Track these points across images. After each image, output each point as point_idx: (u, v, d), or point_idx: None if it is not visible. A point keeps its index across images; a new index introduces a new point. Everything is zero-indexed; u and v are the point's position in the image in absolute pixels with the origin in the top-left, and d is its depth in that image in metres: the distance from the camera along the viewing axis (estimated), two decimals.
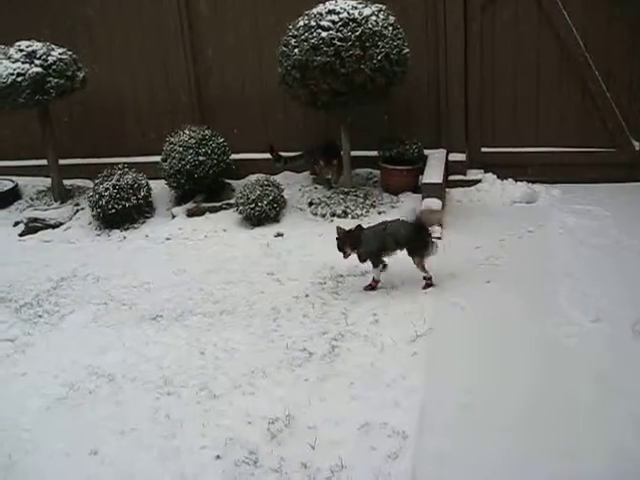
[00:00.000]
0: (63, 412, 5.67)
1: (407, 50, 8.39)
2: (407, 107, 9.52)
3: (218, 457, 4.98)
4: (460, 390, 5.43)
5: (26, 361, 6.48)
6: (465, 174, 9.49)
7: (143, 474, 4.88)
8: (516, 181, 9.33)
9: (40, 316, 7.30)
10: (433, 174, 8.73)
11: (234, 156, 9.89)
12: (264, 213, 8.56)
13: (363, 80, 8.00)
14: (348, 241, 6.92)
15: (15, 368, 6.38)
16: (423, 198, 8.53)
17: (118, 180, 9.21)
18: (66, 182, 10.40)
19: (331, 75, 7.96)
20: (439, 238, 8.02)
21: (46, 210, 9.71)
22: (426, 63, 9.37)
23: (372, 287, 7.06)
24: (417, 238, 6.92)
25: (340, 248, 6.93)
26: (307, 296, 7.06)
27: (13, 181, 10.58)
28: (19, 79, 8.94)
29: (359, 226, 7.01)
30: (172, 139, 9.40)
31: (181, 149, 9.20)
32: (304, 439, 5.06)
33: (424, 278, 7.05)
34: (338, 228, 7.00)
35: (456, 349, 6.01)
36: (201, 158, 9.17)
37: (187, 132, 9.38)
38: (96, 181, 9.31)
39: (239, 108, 10.12)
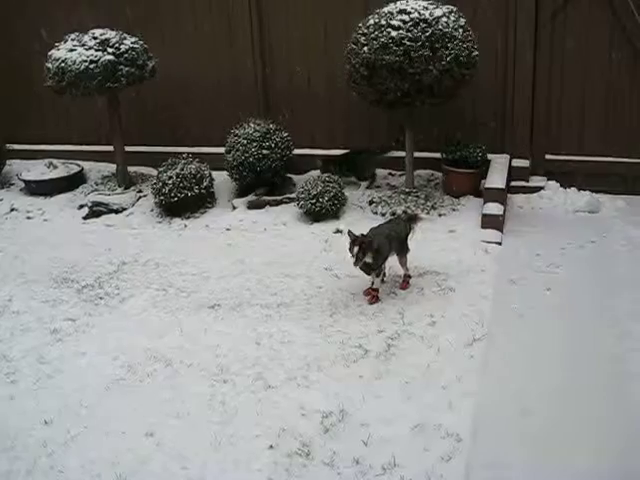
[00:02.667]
0: (121, 393, 5.75)
1: (476, 53, 8.31)
2: (473, 110, 9.45)
3: (271, 447, 5.00)
4: (516, 397, 5.39)
5: (86, 341, 6.59)
6: (528, 180, 9.40)
7: (197, 458, 4.93)
8: (579, 190, 9.09)
9: (101, 298, 7.39)
10: (496, 179, 8.64)
11: (297, 151, 9.75)
12: (324, 209, 8.55)
13: (431, 81, 7.94)
14: (363, 247, 6.65)
15: (76, 347, 6.48)
16: (485, 203, 8.40)
17: (182, 169, 9.27)
18: (130, 169, 10.44)
19: (399, 75, 7.93)
20: (499, 243, 7.87)
21: (109, 195, 9.82)
22: (494, 66, 9.28)
23: (376, 298, 6.97)
24: (407, 240, 7.10)
25: (355, 254, 6.64)
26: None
27: (79, 165, 10.74)
28: (92, 66, 9.08)
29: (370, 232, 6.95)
30: (237, 131, 9.45)
31: (245, 142, 9.25)
32: (357, 435, 5.05)
33: (406, 276, 7.17)
34: (350, 232, 6.77)
35: (513, 355, 5.96)
36: (265, 152, 9.20)
37: (252, 125, 9.43)
38: (160, 169, 9.39)
39: (304, 103, 10.09)
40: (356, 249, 6.48)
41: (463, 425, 5.07)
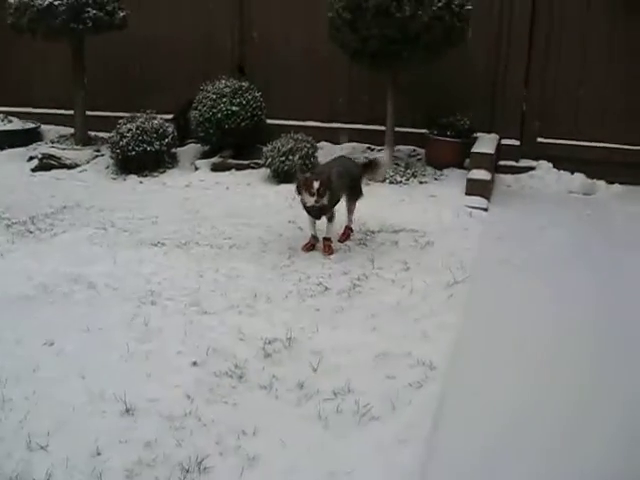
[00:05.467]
0: (27, 308, 4.63)
1: (470, 7, 7.32)
2: (461, 83, 8.49)
3: (195, 364, 3.95)
4: (499, 330, 4.45)
5: (3, 263, 5.52)
6: (518, 161, 8.33)
7: (101, 370, 3.80)
8: (572, 173, 8.07)
9: (31, 232, 6.33)
10: (484, 146, 7.61)
11: (270, 121, 8.72)
12: (294, 168, 7.45)
13: (418, 28, 7.01)
14: (323, 184, 5.54)
15: None
16: (471, 169, 7.38)
17: (143, 122, 8.20)
18: (92, 133, 9.35)
19: (385, 19, 7.01)
20: (485, 210, 6.86)
21: (64, 150, 8.70)
22: (485, 36, 8.32)
23: (331, 248, 5.89)
24: (360, 182, 6.09)
25: (316, 191, 5.50)
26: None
27: (36, 123, 9.61)
28: (56, 3, 8.12)
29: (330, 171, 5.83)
30: (207, 87, 8.41)
31: (214, 97, 8.31)
32: (305, 361, 4.00)
33: (348, 228, 6.19)
34: (301, 171, 5.89)
35: (497, 295, 5.01)
36: (234, 108, 8.24)
37: (223, 81, 8.43)
38: (120, 121, 8.28)
39: (280, 67, 9.03)
40: (317, 184, 5.35)
41: (438, 354, 4.02)
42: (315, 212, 5.67)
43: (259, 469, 3.06)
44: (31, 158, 8.79)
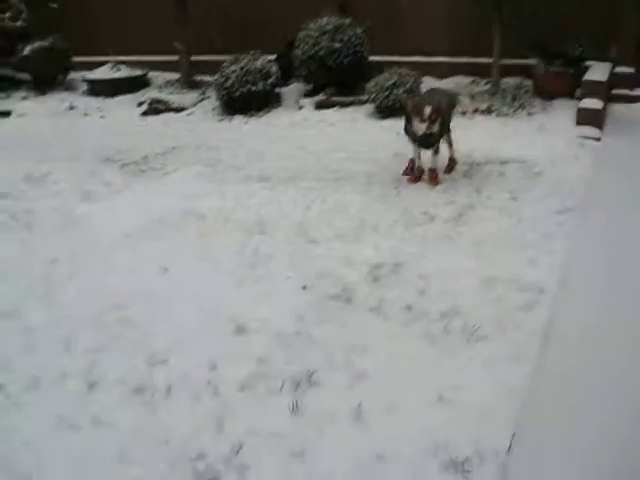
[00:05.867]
0: (142, 239, 4.80)
1: None
2: (571, 8, 8.11)
3: (305, 287, 3.99)
4: (606, 260, 4.28)
5: (118, 200, 5.78)
6: (632, 89, 7.92)
7: (213, 294, 3.94)
8: None
9: (143, 171, 6.54)
10: (596, 74, 7.30)
11: (374, 57, 8.62)
12: (398, 102, 7.36)
13: None
14: (435, 111, 5.41)
15: (105, 205, 5.56)
16: (582, 99, 7.09)
17: (247, 63, 8.29)
18: (197, 78, 9.53)
19: None
20: (598, 139, 6.62)
21: (171, 94, 8.91)
22: None
23: (437, 178, 5.77)
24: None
25: (428, 117, 5.36)
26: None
27: (144, 70, 9.86)
28: None
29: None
30: (309, 25, 8.38)
31: (316, 34, 8.31)
32: (412, 285, 3.99)
33: (451, 159, 6.09)
34: (410, 100, 5.74)
35: (607, 224, 4.81)
36: (336, 45, 8.21)
37: (325, 19, 8.36)
38: (224, 64, 8.38)
39: (381, 5, 8.95)
40: (428, 110, 5.27)
41: (547, 279, 3.93)
42: (424, 141, 5.59)
43: (368, 384, 3.12)
44: (140, 103, 9.05)
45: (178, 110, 8.78)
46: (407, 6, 8.82)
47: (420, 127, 5.35)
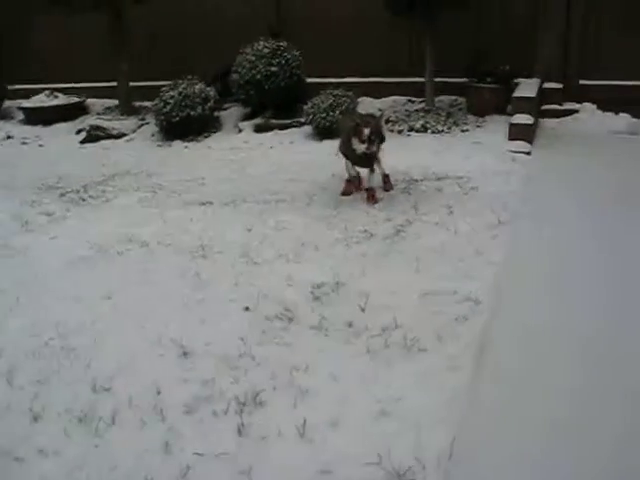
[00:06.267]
0: (86, 267, 4.83)
1: None
2: (500, 28, 8.49)
3: (247, 309, 4.08)
4: (541, 268, 4.48)
5: (59, 229, 5.74)
6: (561, 104, 8.24)
7: (157, 319, 3.98)
8: (617, 114, 7.96)
9: (84, 199, 6.57)
10: (525, 90, 7.59)
11: (310, 80, 8.78)
12: (336, 123, 7.50)
13: None
14: (374, 130, 5.57)
15: (46, 235, 5.55)
16: (513, 114, 7.35)
17: (185, 88, 8.34)
18: (136, 103, 9.60)
19: None
20: (528, 153, 6.87)
21: (110, 121, 8.90)
22: None
23: (375, 197, 5.91)
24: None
25: (368, 137, 5.52)
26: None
27: (81, 97, 9.84)
28: None
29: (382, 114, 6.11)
30: (245, 49, 8.50)
31: (253, 58, 8.44)
32: (353, 302, 4.07)
33: (386, 176, 6.21)
34: (350, 113, 6.00)
35: (540, 235, 5.01)
36: (273, 69, 8.34)
37: (262, 43, 8.49)
38: (162, 89, 8.43)
39: (320, 26, 9.12)
40: (367, 131, 5.43)
41: (483, 290, 4.07)
42: (362, 161, 5.74)
43: (312, 401, 3.19)
44: (79, 131, 9.03)
45: (118, 136, 8.78)
46: (340, 28, 8.89)
47: (360, 147, 5.47)
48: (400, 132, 7.75)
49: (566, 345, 3.51)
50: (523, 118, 7.21)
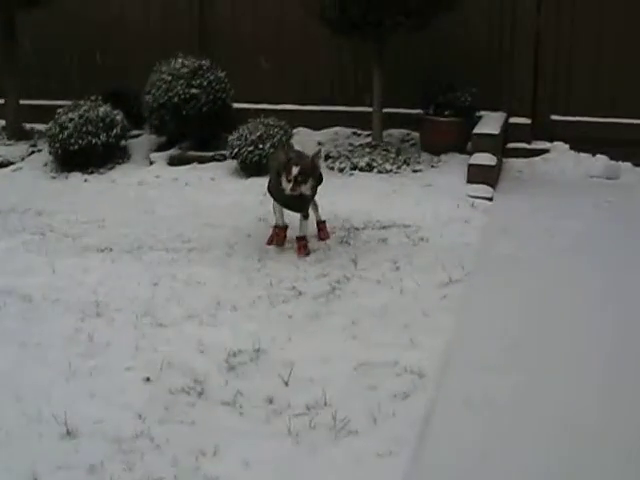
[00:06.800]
0: None
1: None
2: (460, 54, 8.74)
3: (148, 380, 4.12)
4: (496, 334, 4.63)
5: None
6: (529, 142, 8.57)
7: (37, 390, 3.99)
8: (594, 155, 8.28)
9: None
10: (488, 126, 7.85)
11: (237, 105, 8.92)
12: (265, 158, 7.63)
13: None
14: (305, 170, 5.77)
15: None
16: (473, 153, 7.61)
17: (87, 110, 8.38)
18: (27, 125, 9.59)
19: None
20: (490, 199, 7.10)
21: None
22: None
23: (307, 247, 6.12)
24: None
25: (294, 177, 5.69)
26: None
27: None
28: None
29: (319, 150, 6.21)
30: (161, 67, 8.59)
31: (170, 78, 8.51)
32: (275, 374, 4.12)
33: (322, 222, 6.43)
34: (284, 147, 6.22)
35: (496, 297, 5.22)
36: (194, 91, 8.47)
37: (180, 60, 8.60)
38: (59, 111, 8.47)
39: (250, 43, 9.38)
40: (296, 170, 5.56)
41: (428, 362, 4.22)
42: (293, 203, 5.87)
43: None
44: None
45: (2, 165, 8.77)
46: (275, 46, 9.08)
47: (286, 187, 5.58)
48: (342, 170, 7.88)
49: (525, 426, 3.61)
50: (485, 158, 7.44)
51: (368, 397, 3.91)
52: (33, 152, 9.12)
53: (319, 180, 5.96)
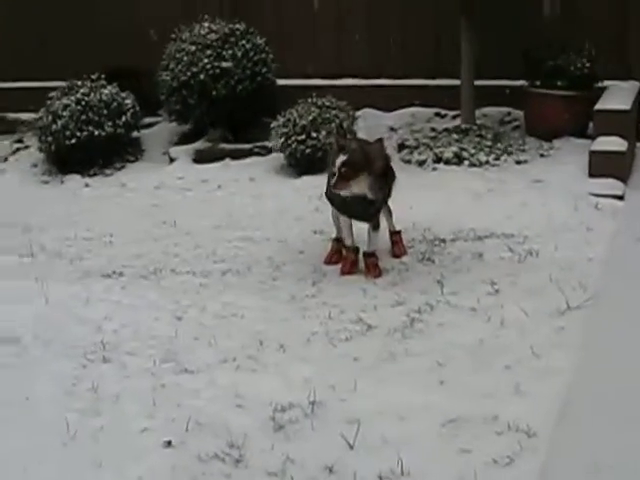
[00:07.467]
0: None
1: None
2: (574, 5, 8.72)
3: (170, 444, 4.10)
4: (628, 379, 4.55)
5: None
6: None
7: (28, 459, 4.03)
8: None
9: None
10: (616, 100, 7.76)
11: (283, 82, 8.97)
12: (321, 150, 7.65)
13: None
14: (356, 159, 5.72)
15: None
16: (596, 136, 7.54)
17: (86, 94, 8.50)
18: (8, 115, 9.81)
19: None
20: (621, 198, 7.06)
21: None
22: None
23: (378, 268, 6.10)
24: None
25: (338, 169, 5.67)
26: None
27: None
28: None
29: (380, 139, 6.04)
30: (182, 35, 8.67)
31: (194, 48, 8.54)
32: (336, 435, 4.11)
33: (396, 233, 6.49)
34: (338, 135, 6.06)
35: (630, 330, 5.11)
36: (225, 64, 8.48)
37: (206, 25, 8.66)
38: (51, 95, 8.61)
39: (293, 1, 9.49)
40: (340, 160, 5.64)
41: (538, 415, 4.14)
42: (355, 208, 5.89)
43: None
44: None
45: None
46: (330, 3, 9.12)
47: (330, 182, 5.70)
48: (421, 164, 7.88)
49: None
50: (612, 142, 7.39)
51: (460, 463, 3.86)
52: (18, 149, 9.28)
53: (391, 178, 5.93)
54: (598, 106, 7.65)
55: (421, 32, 9.02)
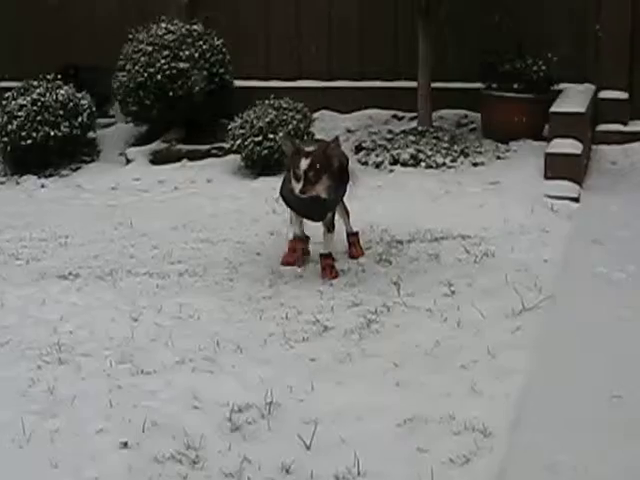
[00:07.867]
0: None
1: None
2: (532, 8, 8.86)
3: (126, 445, 4.09)
4: (584, 380, 4.62)
5: None
6: (626, 123, 8.51)
7: None
8: None
9: None
10: (571, 103, 7.84)
11: (240, 83, 8.98)
12: (277, 152, 7.66)
13: None
14: (317, 163, 5.70)
15: None
16: (552, 138, 7.59)
17: (42, 94, 8.45)
18: None
19: None
20: (576, 200, 7.09)
21: None
22: None
23: (334, 270, 6.14)
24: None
25: (303, 173, 5.66)
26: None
27: None
28: None
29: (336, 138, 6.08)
30: (138, 35, 8.65)
31: (150, 49, 8.51)
32: (293, 436, 4.11)
33: (353, 235, 6.50)
34: (291, 137, 6.37)
35: (584, 330, 5.19)
36: (182, 65, 8.46)
37: (163, 25, 8.64)
38: (6, 95, 8.57)
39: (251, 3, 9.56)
40: (306, 164, 5.63)
41: (495, 415, 4.18)
42: (312, 210, 5.92)
43: None
44: None
45: None
46: (288, 4, 9.12)
47: (295, 187, 5.62)
48: (378, 166, 7.91)
49: None
50: (567, 145, 7.44)
51: (417, 463, 3.87)
52: None
53: (346, 178, 5.94)
54: (554, 109, 7.71)
55: (379, 34, 9.01)
